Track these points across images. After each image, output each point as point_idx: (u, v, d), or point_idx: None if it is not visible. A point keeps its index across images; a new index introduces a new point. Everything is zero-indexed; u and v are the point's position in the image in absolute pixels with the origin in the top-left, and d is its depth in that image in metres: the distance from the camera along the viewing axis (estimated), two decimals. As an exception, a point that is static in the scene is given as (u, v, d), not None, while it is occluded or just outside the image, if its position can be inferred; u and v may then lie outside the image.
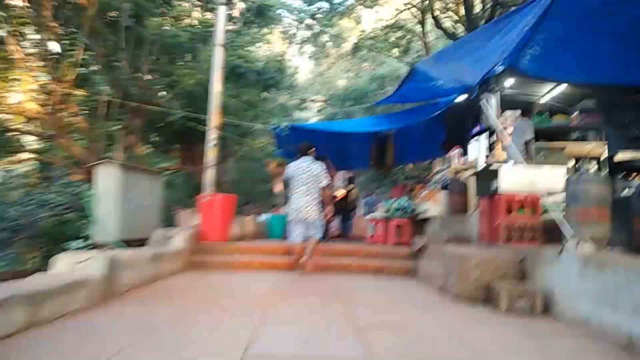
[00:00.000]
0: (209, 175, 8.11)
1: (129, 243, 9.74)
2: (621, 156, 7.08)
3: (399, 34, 24.57)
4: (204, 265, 6.83)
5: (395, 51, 27.55)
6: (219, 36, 8.70)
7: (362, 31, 30.50)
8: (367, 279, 6.36)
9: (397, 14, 23.00)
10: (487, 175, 6.31)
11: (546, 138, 9.70)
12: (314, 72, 40.25)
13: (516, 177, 5.91)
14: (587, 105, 9.72)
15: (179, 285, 5.33)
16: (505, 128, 9.34)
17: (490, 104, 9.37)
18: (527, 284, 4.68)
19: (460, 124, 12.26)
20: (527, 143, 7.73)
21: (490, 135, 10.84)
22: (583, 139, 9.94)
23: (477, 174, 6.98)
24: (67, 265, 4.18)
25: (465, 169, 8.84)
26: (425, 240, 7.07)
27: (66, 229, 15.76)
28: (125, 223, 9.43)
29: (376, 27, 26.56)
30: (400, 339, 3.35)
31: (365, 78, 32.86)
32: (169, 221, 17.86)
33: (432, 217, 8.82)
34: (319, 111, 33.82)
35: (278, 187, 28.95)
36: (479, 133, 11.82)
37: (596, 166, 5.83)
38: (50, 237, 15.58)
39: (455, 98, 10.10)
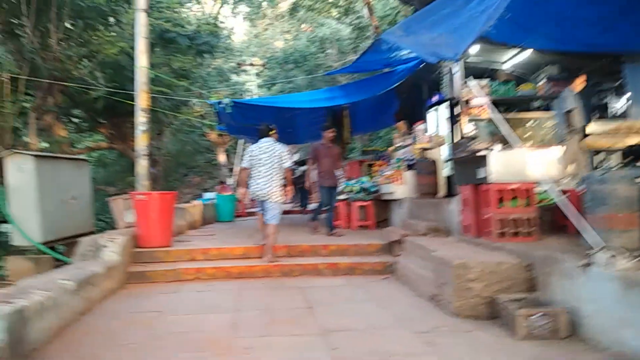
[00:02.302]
0: (142, 166, 6.85)
1: (55, 244, 8.43)
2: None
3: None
4: (145, 278, 5.72)
5: (335, 13, 26.34)
6: (141, -1, 7.26)
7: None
8: (340, 285, 5.49)
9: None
10: (471, 161, 5.54)
11: (511, 109, 9.13)
12: (249, 34, 38.24)
13: (508, 164, 5.17)
14: (553, 72, 9.17)
15: (112, 323, 4.19)
16: (469, 100, 8.66)
17: (454, 73, 8.65)
18: (540, 298, 3.96)
19: (415, 93, 11.49)
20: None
21: (453, 106, 10.15)
22: (547, 108, 9.45)
23: (456, 158, 6.17)
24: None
25: (432, 147, 8.08)
26: (401, 233, 6.27)
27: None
28: (49, 222, 8.09)
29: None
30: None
31: (304, 40, 31.48)
32: (103, 211, 16.24)
33: (399, 200, 8.07)
34: (257, 75, 32.17)
35: (222, 157, 27.74)
36: (438, 103, 11.12)
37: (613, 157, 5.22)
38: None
39: (415, 67, 9.26)
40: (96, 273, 4.79)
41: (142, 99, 6.89)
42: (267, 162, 6.30)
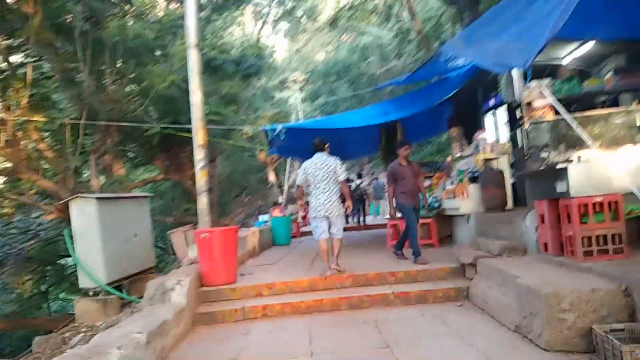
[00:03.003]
0: (202, 202, 6.84)
1: (120, 284, 8.57)
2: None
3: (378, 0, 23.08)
4: (213, 318, 5.64)
5: (375, 19, 26.15)
6: (191, 35, 7.26)
7: (338, 1, 28.88)
8: (414, 316, 5.21)
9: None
10: (547, 173, 5.16)
11: (575, 108, 8.58)
12: (290, 50, 38.58)
13: (590, 174, 4.78)
14: (620, 64, 8.55)
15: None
16: (531, 102, 8.23)
17: (512, 74, 8.25)
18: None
19: (469, 97, 11.09)
20: None
21: (512, 109, 9.71)
22: (614, 103, 8.84)
23: (529, 172, 5.78)
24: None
25: (496, 157, 7.67)
26: (474, 255, 5.92)
27: (55, 249, 14.63)
28: (112, 262, 8.23)
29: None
30: None
31: (345, 50, 31.39)
32: (161, 241, 16.59)
33: (465, 215, 7.70)
34: (300, 90, 32.39)
35: (272, 176, 28.03)
36: (494, 107, 10.68)
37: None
38: (39, 259, 14.54)
39: (469, 72, 8.89)
40: (166, 320, 4.72)
41: (199, 136, 6.88)
42: (324, 178, 6.30)
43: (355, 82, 28.62)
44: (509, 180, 7.46)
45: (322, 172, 6.32)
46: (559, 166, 4.83)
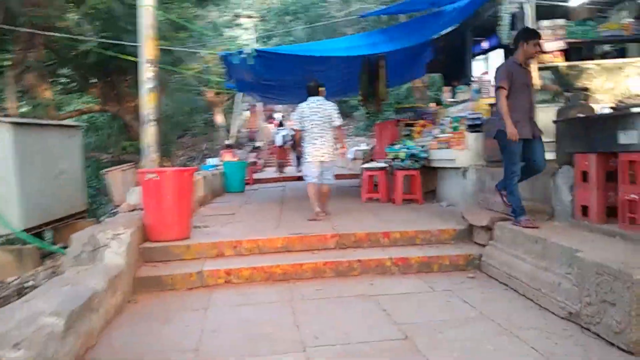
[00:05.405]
0: (150, 135, 5.37)
1: (42, 231, 7.08)
2: None
3: None
4: (160, 284, 4.34)
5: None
6: None
7: None
8: (422, 290, 4.13)
9: None
10: (604, 121, 4.10)
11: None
12: (244, -17, 35.70)
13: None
14: (634, 9, 7.61)
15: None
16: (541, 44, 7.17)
17: (525, 13, 7.13)
18: None
19: (454, 40, 9.88)
20: None
21: (508, 52, 8.60)
22: (621, 54, 7.98)
23: (571, 117, 4.69)
24: None
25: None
26: (490, 217, 4.87)
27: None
28: (32, 203, 6.68)
29: None
30: None
31: (305, -12, 29.15)
32: (96, 186, 14.69)
33: (460, 169, 6.65)
34: (253, 29, 30.02)
35: (219, 118, 26.20)
36: (487, 50, 9.59)
37: None
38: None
39: (470, 6, 7.65)
40: (97, 292, 3.39)
41: (147, 48, 5.30)
42: (319, 122, 6.15)
43: (313, 24, 26.78)
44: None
45: (317, 116, 6.17)
46: (634, 110, 3.75)
